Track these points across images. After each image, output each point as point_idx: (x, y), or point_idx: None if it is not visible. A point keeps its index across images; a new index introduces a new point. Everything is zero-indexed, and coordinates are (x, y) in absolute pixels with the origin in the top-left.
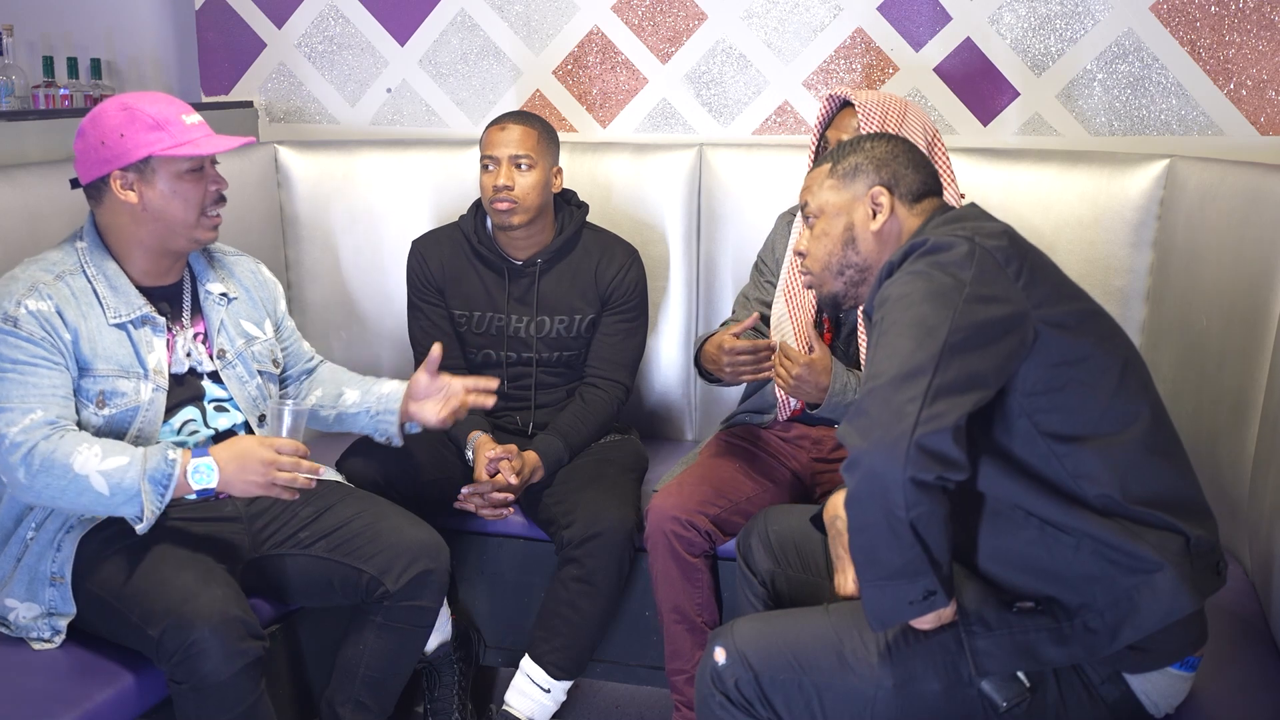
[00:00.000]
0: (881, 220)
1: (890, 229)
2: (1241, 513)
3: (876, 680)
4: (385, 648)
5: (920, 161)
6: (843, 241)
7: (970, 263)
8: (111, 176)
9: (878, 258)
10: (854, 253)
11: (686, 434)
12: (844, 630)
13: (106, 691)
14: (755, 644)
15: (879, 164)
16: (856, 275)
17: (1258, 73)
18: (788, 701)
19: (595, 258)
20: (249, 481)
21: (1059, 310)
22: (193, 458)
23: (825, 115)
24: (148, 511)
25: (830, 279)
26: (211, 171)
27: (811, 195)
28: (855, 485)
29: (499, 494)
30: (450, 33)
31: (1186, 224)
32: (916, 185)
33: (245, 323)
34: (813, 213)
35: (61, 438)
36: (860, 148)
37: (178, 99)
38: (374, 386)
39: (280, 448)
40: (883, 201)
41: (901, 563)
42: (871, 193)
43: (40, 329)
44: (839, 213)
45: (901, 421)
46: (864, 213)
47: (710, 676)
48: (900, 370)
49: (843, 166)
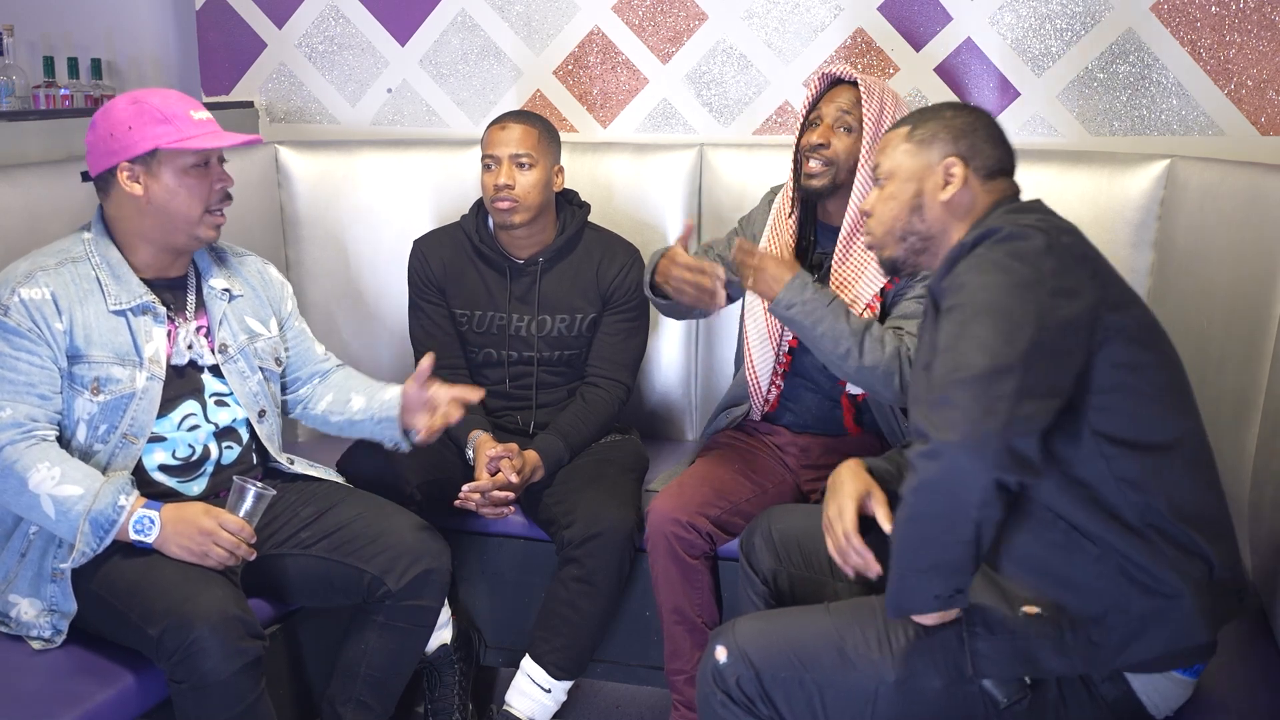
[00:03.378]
0: (952, 191)
1: (960, 201)
2: (1242, 513)
3: (878, 676)
4: (387, 647)
5: (999, 138)
6: (910, 207)
7: (1049, 255)
8: (119, 168)
9: (942, 228)
10: (919, 220)
11: (687, 434)
12: (845, 627)
13: (106, 691)
14: (756, 642)
15: (957, 134)
16: (919, 243)
17: (1258, 73)
18: (789, 699)
19: (597, 257)
20: (184, 546)
21: (1124, 315)
22: (144, 508)
23: (817, 92)
24: (76, 551)
25: (892, 243)
26: (218, 169)
27: (884, 156)
28: (933, 475)
29: (499, 493)
30: (451, 33)
31: (1187, 224)
32: (993, 161)
33: (249, 319)
34: (884, 174)
35: (29, 447)
36: (940, 115)
37: (188, 96)
38: (379, 393)
39: (226, 524)
40: (956, 173)
41: (947, 558)
42: (945, 162)
43: (29, 319)
44: (910, 178)
45: (992, 419)
46: (935, 181)
47: (711, 675)
48: (990, 365)
49: (921, 131)
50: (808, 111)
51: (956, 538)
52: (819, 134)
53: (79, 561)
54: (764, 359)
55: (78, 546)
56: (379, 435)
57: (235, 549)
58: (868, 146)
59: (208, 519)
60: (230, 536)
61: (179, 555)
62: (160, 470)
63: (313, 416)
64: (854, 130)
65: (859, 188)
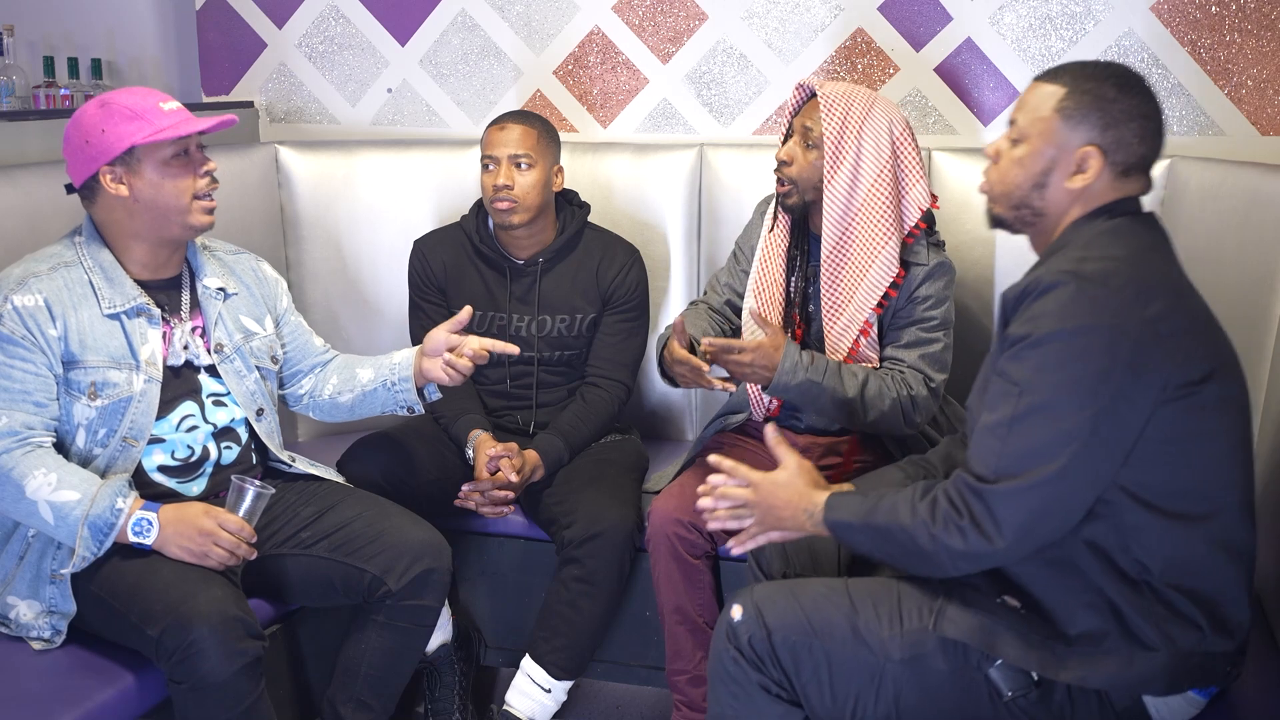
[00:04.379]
0: (1083, 182)
1: (1087, 192)
2: None
3: (885, 653)
4: (387, 647)
5: (1151, 132)
6: (1034, 182)
7: (1127, 339)
8: (101, 173)
9: (1060, 211)
10: (1039, 197)
11: (687, 434)
12: (861, 602)
13: (106, 691)
14: (772, 604)
15: (1109, 122)
16: (1031, 216)
17: (1258, 73)
18: (796, 663)
19: (596, 257)
20: (183, 547)
21: (1195, 390)
22: (142, 509)
23: (795, 104)
24: (77, 556)
25: (1004, 204)
26: (198, 155)
27: (1025, 111)
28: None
29: (499, 492)
30: (451, 33)
31: (1187, 224)
32: (1134, 159)
33: (244, 318)
34: (1020, 131)
35: (25, 454)
36: (1101, 90)
37: (155, 90)
38: (386, 360)
39: (226, 524)
40: (1092, 164)
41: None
42: (1085, 150)
43: (23, 327)
44: (1044, 150)
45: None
46: (1068, 166)
47: (726, 632)
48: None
49: (1072, 104)
50: (786, 130)
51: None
52: (784, 151)
53: (80, 566)
54: None
55: (78, 551)
56: (392, 405)
57: (235, 549)
58: (830, 163)
59: (207, 519)
60: (230, 536)
61: (179, 556)
62: (159, 471)
63: (322, 404)
64: (817, 146)
65: (829, 208)
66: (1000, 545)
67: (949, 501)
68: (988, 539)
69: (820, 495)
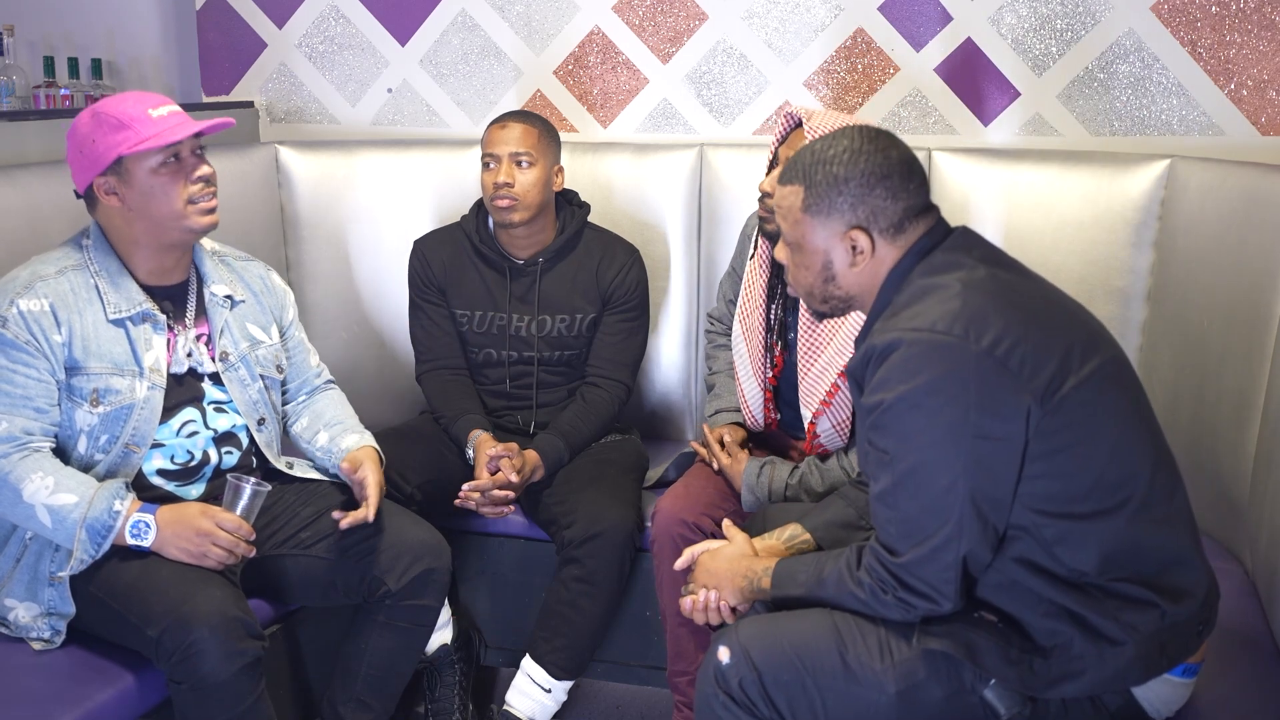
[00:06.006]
0: (864, 261)
1: (872, 268)
2: (1242, 513)
3: (879, 685)
4: (387, 646)
5: (902, 178)
6: (823, 278)
7: (969, 380)
8: (94, 184)
9: (861, 290)
10: (835, 288)
11: (687, 434)
12: (848, 632)
13: (106, 691)
14: (760, 644)
15: (854, 200)
16: (841, 302)
17: (1258, 73)
18: (791, 702)
19: (596, 257)
20: (182, 548)
21: (1057, 393)
22: (139, 511)
23: (781, 133)
24: (75, 558)
25: (815, 303)
26: (191, 160)
27: (787, 220)
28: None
29: (499, 492)
30: (451, 33)
31: (1187, 224)
32: (898, 215)
33: (251, 326)
34: (789, 238)
35: (23, 459)
36: (831, 173)
37: (151, 94)
38: (339, 438)
39: (223, 523)
40: (862, 243)
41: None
42: (849, 235)
43: (27, 332)
44: (814, 251)
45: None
46: (843, 253)
47: (714, 676)
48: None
49: (815, 200)
50: (771, 158)
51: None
52: (766, 182)
53: (78, 568)
54: (753, 393)
55: (75, 553)
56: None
57: (234, 547)
58: None
59: (204, 519)
60: (228, 535)
61: (177, 557)
62: (159, 475)
63: (289, 431)
64: None
65: None
66: (944, 601)
67: (876, 580)
68: (929, 600)
69: (761, 564)
